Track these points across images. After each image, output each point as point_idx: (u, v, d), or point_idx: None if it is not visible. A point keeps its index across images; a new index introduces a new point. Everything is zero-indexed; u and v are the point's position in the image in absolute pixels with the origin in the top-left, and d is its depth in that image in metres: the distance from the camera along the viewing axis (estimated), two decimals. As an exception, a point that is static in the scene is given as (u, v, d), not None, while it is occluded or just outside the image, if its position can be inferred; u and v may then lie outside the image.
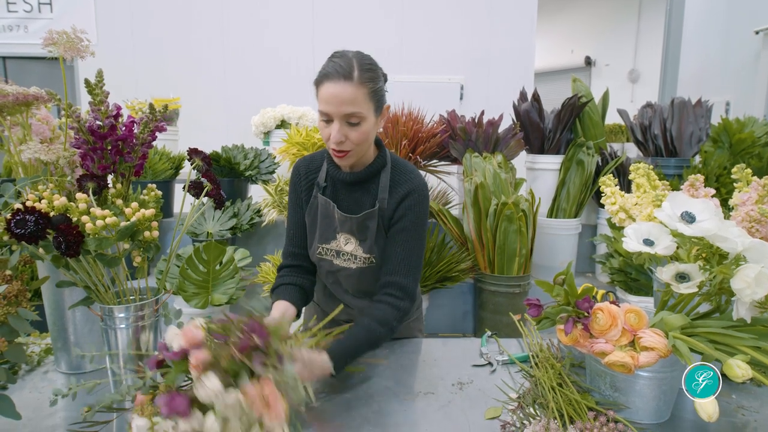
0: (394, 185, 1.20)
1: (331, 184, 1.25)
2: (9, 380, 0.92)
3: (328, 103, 1.07)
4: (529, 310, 1.01)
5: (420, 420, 0.97)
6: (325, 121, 1.11)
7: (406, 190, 1.19)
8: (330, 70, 1.08)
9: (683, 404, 1.00)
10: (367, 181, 1.22)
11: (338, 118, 1.07)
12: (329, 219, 1.23)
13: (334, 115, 1.08)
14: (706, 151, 2.67)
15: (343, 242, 1.22)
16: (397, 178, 1.21)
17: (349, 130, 1.09)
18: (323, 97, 1.09)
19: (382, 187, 1.20)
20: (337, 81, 1.06)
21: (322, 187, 1.25)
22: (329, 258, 1.25)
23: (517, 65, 4.73)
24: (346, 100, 1.05)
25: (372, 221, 1.19)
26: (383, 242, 1.22)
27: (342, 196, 1.24)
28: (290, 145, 2.92)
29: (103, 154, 1.04)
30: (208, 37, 4.66)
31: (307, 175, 1.28)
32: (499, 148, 2.71)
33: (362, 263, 1.22)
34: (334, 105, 1.06)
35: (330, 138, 1.09)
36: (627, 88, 8.14)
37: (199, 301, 1.81)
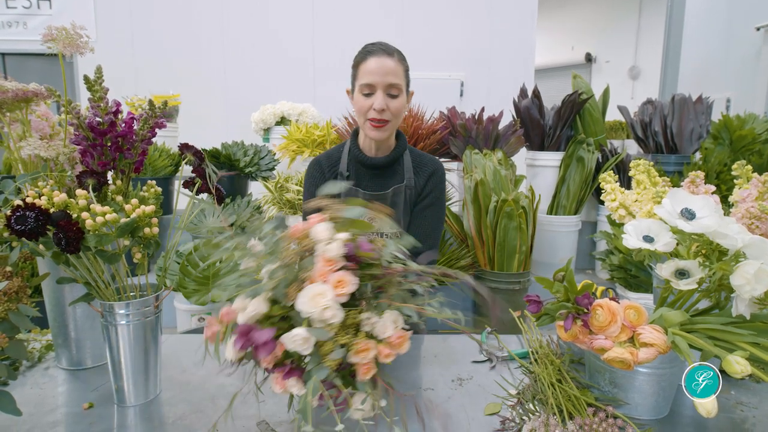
0: (418, 166, 1.33)
1: (354, 172, 1.35)
2: (10, 376, 0.93)
3: (373, 74, 1.20)
4: (529, 307, 1.01)
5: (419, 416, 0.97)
6: (366, 94, 1.23)
7: (431, 169, 1.33)
8: (373, 49, 1.23)
9: (682, 400, 1.01)
10: (392, 164, 1.33)
11: (381, 88, 1.21)
12: None
13: (379, 85, 1.21)
14: (707, 148, 2.67)
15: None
16: (420, 160, 1.35)
17: (390, 101, 1.22)
18: (368, 69, 1.21)
19: (407, 168, 1.32)
20: (381, 56, 1.22)
21: (345, 175, 1.34)
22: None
23: (518, 62, 4.72)
24: (390, 71, 1.21)
25: (399, 197, 1.30)
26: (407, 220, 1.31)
27: (366, 180, 1.34)
28: (290, 142, 2.92)
29: (102, 150, 1.04)
30: (208, 33, 4.64)
31: (330, 168, 1.37)
32: (500, 144, 2.71)
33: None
34: (379, 75, 1.20)
35: (372, 107, 1.21)
36: (627, 85, 8.12)
37: (199, 297, 1.81)
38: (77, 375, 1.15)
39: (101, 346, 1.19)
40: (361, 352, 0.66)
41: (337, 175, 1.35)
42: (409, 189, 1.31)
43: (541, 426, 0.85)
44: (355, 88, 1.29)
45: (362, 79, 1.23)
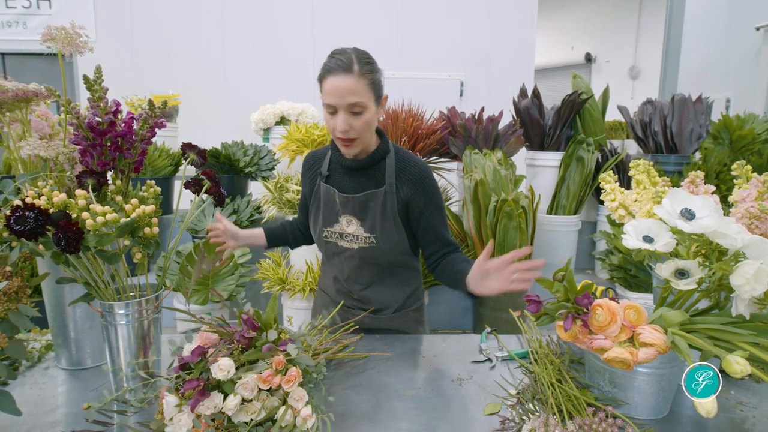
0: (401, 171, 1.29)
1: (334, 172, 1.35)
2: (9, 376, 0.93)
3: (332, 95, 1.16)
4: (529, 307, 1.01)
5: (420, 415, 0.97)
6: (331, 113, 1.19)
7: (415, 173, 1.29)
8: (332, 65, 1.16)
9: (682, 400, 1.01)
10: (371, 167, 1.31)
11: (342, 109, 1.17)
12: (332, 204, 1.33)
13: (339, 106, 1.16)
14: (707, 148, 2.67)
15: (345, 224, 1.32)
16: (403, 165, 1.30)
17: (353, 120, 1.18)
18: (327, 90, 1.16)
19: (389, 173, 1.29)
20: (338, 74, 1.15)
21: (325, 175, 1.35)
22: (334, 240, 1.36)
23: (518, 62, 4.72)
24: (349, 91, 1.14)
25: (374, 202, 1.28)
26: (388, 226, 1.29)
27: (345, 181, 1.33)
28: (290, 142, 2.92)
29: (102, 150, 1.04)
30: (208, 33, 4.64)
31: (311, 167, 1.40)
32: (499, 144, 2.71)
33: (363, 243, 1.31)
34: (338, 96, 1.15)
35: (336, 128, 1.18)
36: (627, 85, 8.12)
37: (199, 297, 1.81)
38: (77, 375, 1.15)
39: (101, 346, 1.19)
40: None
41: (317, 174, 1.37)
42: (390, 194, 1.27)
43: (541, 426, 0.85)
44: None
45: (325, 97, 1.18)
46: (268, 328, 0.93)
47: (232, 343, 0.89)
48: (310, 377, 0.97)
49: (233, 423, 0.83)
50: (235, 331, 0.91)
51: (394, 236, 1.30)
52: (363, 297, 1.40)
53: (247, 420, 0.82)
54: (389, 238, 1.30)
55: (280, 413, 0.83)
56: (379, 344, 1.32)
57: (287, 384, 0.84)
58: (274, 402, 0.85)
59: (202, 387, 0.79)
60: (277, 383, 0.83)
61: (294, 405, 0.85)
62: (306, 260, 2.55)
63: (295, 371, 0.85)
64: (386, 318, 1.41)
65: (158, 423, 0.84)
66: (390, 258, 1.34)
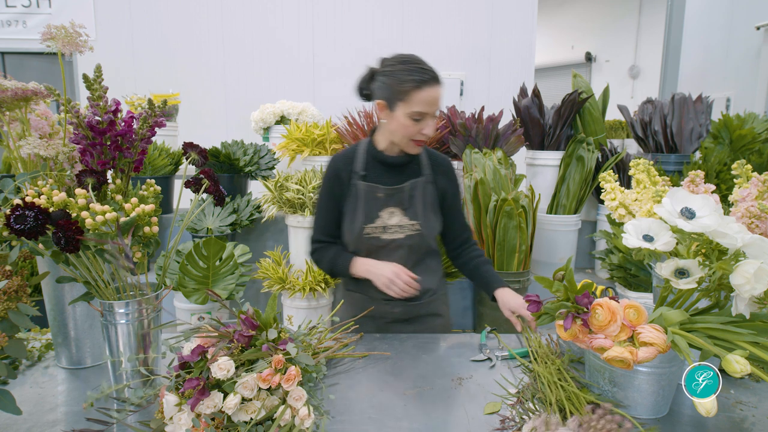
0: (434, 163, 1.44)
1: (371, 170, 1.42)
2: (10, 375, 0.93)
3: (428, 104, 1.26)
4: (529, 306, 1.01)
5: (420, 415, 0.97)
6: (416, 120, 1.28)
7: (446, 165, 1.46)
8: (427, 77, 1.26)
9: (682, 399, 1.01)
10: (410, 162, 1.43)
11: (432, 116, 1.29)
12: (373, 200, 1.39)
13: (431, 114, 1.28)
14: (707, 147, 2.67)
15: (387, 217, 1.39)
16: (434, 159, 1.45)
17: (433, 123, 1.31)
18: (425, 99, 1.25)
19: (424, 165, 1.43)
20: (434, 86, 1.27)
21: (362, 174, 1.40)
22: (376, 235, 1.40)
23: (518, 61, 4.72)
24: (439, 100, 1.29)
25: (417, 190, 1.40)
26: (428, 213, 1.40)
27: (385, 176, 1.41)
28: (290, 141, 2.92)
29: (102, 149, 1.04)
30: (208, 32, 4.64)
31: (341, 170, 1.42)
32: (499, 144, 2.71)
33: (409, 230, 1.40)
34: (433, 105, 1.27)
35: (422, 132, 1.30)
36: (627, 84, 8.12)
37: (199, 296, 1.81)
38: (77, 374, 1.15)
39: (101, 345, 1.19)
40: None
41: (352, 174, 1.41)
42: (429, 184, 1.41)
43: (542, 425, 0.85)
44: (397, 107, 1.28)
45: (415, 107, 1.25)
46: (268, 327, 0.93)
47: (232, 343, 0.89)
48: (310, 376, 0.97)
49: (233, 422, 0.83)
50: (235, 330, 0.91)
51: (433, 222, 1.42)
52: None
53: (247, 419, 0.82)
54: (431, 224, 1.41)
55: (278, 412, 0.83)
56: (379, 344, 1.32)
57: (287, 383, 0.84)
58: (273, 401, 0.85)
59: (202, 386, 0.79)
60: (276, 382, 0.83)
61: (293, 404, 0.85)
62: (306, 260, 2.55)
63: (294, 370, 0.85)
64: (425, 303, 1.48)
65: (158, 422, 0.84)
66: (429, 243, 1.44)
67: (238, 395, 0.81)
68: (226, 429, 0.82)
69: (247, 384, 0.82)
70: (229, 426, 0.83)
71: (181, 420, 0.80)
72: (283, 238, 2.92)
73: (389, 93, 1.29)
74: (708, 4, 5.37)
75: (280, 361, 0.85)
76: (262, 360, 0.87)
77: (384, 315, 1.46)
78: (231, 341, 0.89)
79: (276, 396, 0.87)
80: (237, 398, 0.81)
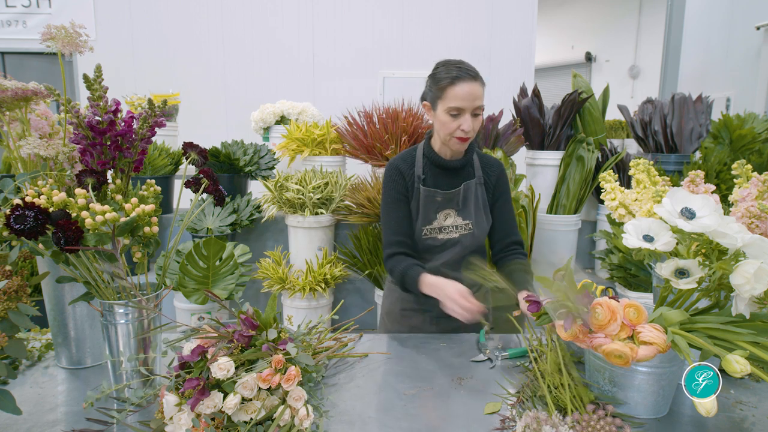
0: (485, 166, 1.50)
1: (430, 174, 1.48)
2: (9, 375, 0.93)
3: (464, 99, 1.30)
4: (529, 306, 1.01)
5: (420, 415, 0.97)
6: (454, 115, 1.33)
7: (497, 168, 1.51)
8: (462, 74, 1.31)
9: (682, 399, 1.01)
10: (465, 165, 1.48)
11: (470, 111, 1.32)
12: (431, 203, 1.46)
13: (468, 109, 1.32)
14: (707, 147, 2.67)
15: (442, 219, 1.46)
16: (485, 161, 1.52)
17: (474, 121, 1.35)
18: (458, 94, 1.30)
19: (477, 167, 1.49)
20: (469, 81, 1.31)
21: (422, 178, 1.47)
22: (433, 235, 1.47)
23: (518, 61, 4.72)
24: (478, 96, 1.32)
25: (470, 192, 1.46)
26: (479, 213, 1.47)
27: (442, 180, 1.48)
28: (290, 141, 2.92)
29: (102, 149, 1.04)
30: (208, 32, 4.64)
31: (407, 170, 1.48)
32: (499, 143, 2.71)
33: (463, 230, 1.47)
34: (469, 100, 1.31)
35: (461, 128, 1.33)
36: (627, 84, 8.12)
37: (199, 296, 1.81)
38: (77, 374, 1.15)
39: (101, 345, 1.19)
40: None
41: (414, 177, 1.47)
42: (479, 185, 1.47)
43: (534, 421, 0.85)
44: (437, 105, 1.36)
45: (451, 102, 1.32)
46: (268, 327, 0.93)
47: (232, 343, 0.89)
48: (310, 376, 0.97)
49: (233, 422, 0.83)
50: (234, 330, 0.91)
51: (484, 221, 1.48)
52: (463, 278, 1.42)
53: (247, 419, 0.82)
54: (481, 223, 1.47)
55: (278, 413, 0.83)
56: (379, 344, 1.32)
57: (287, 383, 0.84)
58: (273, 401, 0.85)
59: (202, 386, 0.79)
60: (276, 382, 0.83)
61: (293, 404, 0.85)
62: (306, 260, 2.55)
63: (294, 370, 0.85)
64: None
65: (158, 422, 0.84)
66: (480, 242, 1.50)
67: (238, 395, 0.81)
68: (226, 429, 0.82)
69: (247, 384, 0.82)
70: (229, 426, 0.83)
71: (181, 420, 0.80)
72: (283, 238, 2.92)
73: (431, 94, 1.39)
74: (708, 4, 5.37)
75: (280, 361, 0.85)
76: (262, 360, 0.87)
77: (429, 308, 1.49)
78: (231, 341, 0.89)
79: (276, 396, 0.87)
80: (237, 398, 0.81)
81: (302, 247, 2.60)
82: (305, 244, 2.58)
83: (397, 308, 1.56)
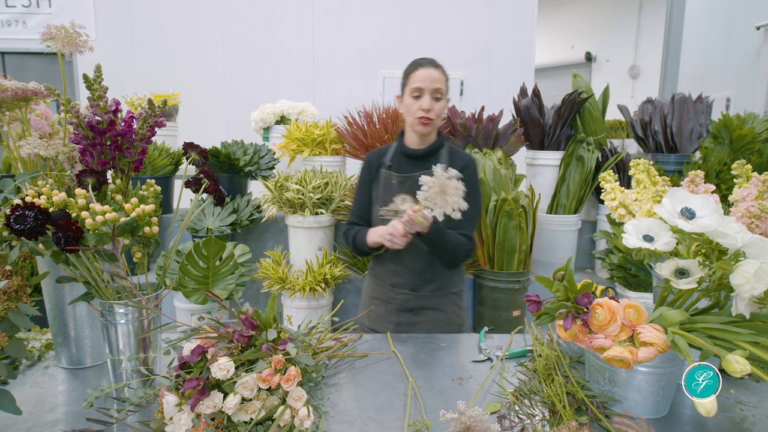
0: (453, 159, 1.59)
1: (396, 162, 1.62)
2: (9, 375, 0.93)
3: (422, 81, 1.47)
4: (529, 306, 1.01)
5: (420, 415, 0.97)
6: (416, 97, 1.49)
7: (464, 161, 1.59)
8: (423, 62, 1.50)
9: (682, 399, 1.01)
10: (431, 156, 1.59)
11: (428, 93, 1.48)
12: (389, 186, 1.59)
13: (426, 90, 1.48)
14: (707, 147, 2.67)
15: (399, 202, 1.54)
16: (454, 154, 1.61)
17: (434, 103, 1.49)
18: (418, 77, 1.48)
19: (443, 159, 1.58)
20: (428, 67, 1.49)
21: (388, 165, 1.62)
22: (389, 217, 1.55)
23: (518, 61, 4.72)
24: (436, 79, 1.48)
25: None
26: None
27: (406, 167, 1.60)
28: (290, 141, 2.92)
29: (102, 149, 1.04)
30: (208, 31, 4.64)
31: (377, 160, 1.65)
32: (499, 144, 2.71)
33: None
34: (427, 82, 1.47)
35: (421, 107, 1.48)
36: (627, 84, 8.12)
37: (199, 296, 1.81)
38: (77, 374, 1.15)
39: (101, 345, 1.19)
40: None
41: (381, 165, 1.63)
42: None
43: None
44: (405, 93, 1.54)
45: (413, 84, 1.49)
46: (268, 327, 0.93)
47: (232, 343, 0.89)
48: (310, 376, 0.97)
49: (233, 422, 0.83)
50: (234, 330, 0.91)
51: None
52: (411, 271, 1.58)
53: (247, 419, 0.82)
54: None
55: (278, 413, 0.83)
56: (379, 344, 1.32)
57: (286, 383, 0.84)
58: (273, 401, 0.85)
59: (201, 386, 0.79)
60: (276, 382, 0.83)
61: (293, 405, 0.85)
62: (306, 260, 2.55)
63: (294, 370, 0.85)
64: (426, 295, 1.60)
65: (158, 422, 0.84)
66: None
67: (238, 395, 0.81)
68: (226, 429, 0.82)
69: (246, 384, 0.82)
70: (229, 426, 0.83)
71: (181, 420, 0.80)
72: (283, 238, 2.92)
73: (401, 85, 1.56)
74: (708, 4, 5.37)
75: (280, 362, 0.85)
76: (261, 360, 0.87)
77: (390, 300, 1.61)
78: (231, 341, 0.89)
79: (276, 396, 0.87)
80: (237, 398, 0.81)
81: (302, 247, 2.60)
82: (305, 244, 2.59)
83: (368, 294, 1.71)
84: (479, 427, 0.79)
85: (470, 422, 0.79)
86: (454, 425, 0.81)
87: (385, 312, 1.63)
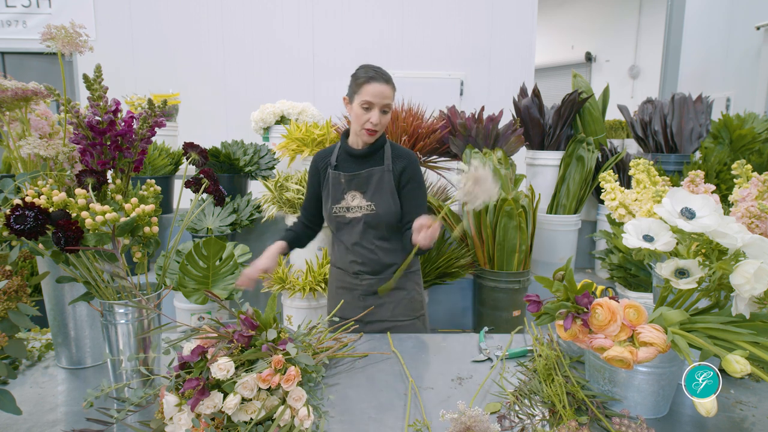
0: (395, 157, 1.66)
1: (342, 161, 1.68)
2: (10, 375, 0.93)
3: (374, 96, 1.52)
4: (529, 306, 1.01)
5: (420, 415, 0.97)
6: (366, 109, 1.54)
7: (406, 158, 1.66)
8: (376, 75, 1.53)
9: (682, 399, 1.01)
10: (373, 154, 1.66)
11: (378, 108, 1.54)
12: (338, 185, 1.66)
13: (377, 105, 1.53)
14: (707, 147, 2.67)
15: (350, 199, 1.65)
16: (396, 152, 1.68)
17: (382, 117, 1.56)
18: (371, 92, 1.52)
19: (386, 156, 1.66)
20: (381, 82, 1.53)
21: (334, 165, 1.68)
22: (342, 214, 1.66)
23: (518, 61, 4.72)
24: (387, 96, 1.54)
25: (374, 177, 1.62)
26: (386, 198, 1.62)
27: (351, 166, 1.67)
28: (290, 141, 2.91)
29: (102, 149, 1.04)
30: (208, 32, 4.64)
31: (323, 160, 1.72)
32: (499, 144, 2.71)
33: (366, 210, 1.64)
34: (379, 98, 1.52)
35: (370, 121, 1.54)
36: (627, 84, 8.12)
37: (199, 296, 1.81)
38: (77, 374, 1.15)
39: (101, 345, 1.19)
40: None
41: (327, 165, 1.69)
42: (387, 172, 1.63)
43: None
44: (354, 99, 1.57)
45: (364, 96, 1.53)
46: (268, 327, 0.93)
47: (232, 343, 0.89)
48: (310, 376, 0.97)
49: (233, 422, 0.83)
50: (234, 330, 0.91)
51: (390, 204, 1.62)
52: (369, 259, 1.66)
53: (247, 419, 0.82)
54: (386, 205, 1.62)
55: (278, 413, 0.83)
56: (379, 343, 1.32)
57: (286, 383, 0.84)
58: (273, 401, 0.85)
59: (201, 386, 0.79)
60: (276, 382, 0.83)
61: (293, 405, 0.85)
62: (306, 260, 2.55)
63: (294, 370, 0.85)
64: (388, 277, 1.66)
65: (158, 422, 0.84)
66: (387, 222, 1.64)
67: (238, 395, 0.81)
68: (226, 429, 0.82)
69: (246, 384, 0.82)
70: (229, 426, 0.83)
71: (181, 420, 0.80)
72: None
73: (351, 90, 1.59)
74: (708, 4, 5.37)
75: (280, 362, 0.85)
76: (261, 360, 0.87)
77: (355, 287, 1.69)
78: (231, 341, 0.89)
79: (276, 396, 0.87)
80: (237, 398, 0.81)
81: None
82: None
83: (334, 287, 1.77)
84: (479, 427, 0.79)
85: (470, 422, 0.80)
86: (454, 425, 0.81)
87: (352, 298, 1.70)
